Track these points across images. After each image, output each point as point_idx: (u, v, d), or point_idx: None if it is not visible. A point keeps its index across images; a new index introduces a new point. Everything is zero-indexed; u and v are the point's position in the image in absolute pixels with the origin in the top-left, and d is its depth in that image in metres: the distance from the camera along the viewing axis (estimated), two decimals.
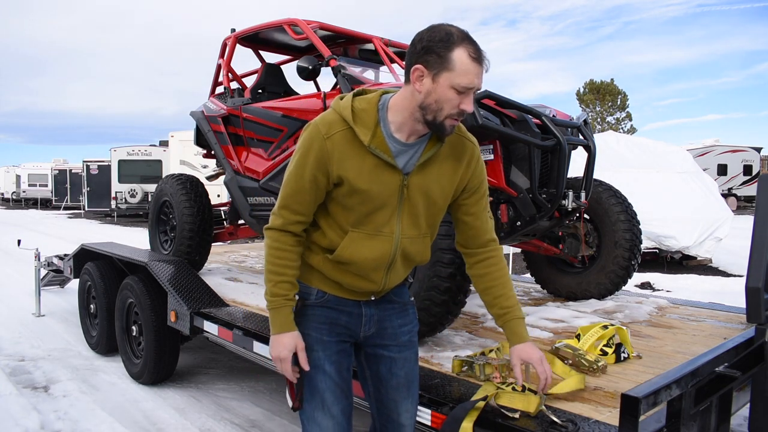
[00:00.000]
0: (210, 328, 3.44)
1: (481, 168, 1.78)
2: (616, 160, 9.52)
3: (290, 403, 1.77)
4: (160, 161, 19.93)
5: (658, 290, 7.44)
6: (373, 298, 1.79)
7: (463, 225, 1.82)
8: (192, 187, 4.61)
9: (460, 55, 1.50)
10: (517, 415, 1.87)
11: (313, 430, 1.73)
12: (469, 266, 1.88)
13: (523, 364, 1.79)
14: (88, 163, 22.75)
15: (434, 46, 1.52)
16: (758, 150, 24.28)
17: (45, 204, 31.53)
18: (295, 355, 1.69)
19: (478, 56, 1.52)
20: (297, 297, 1.74)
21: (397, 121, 1.61)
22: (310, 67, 3.46)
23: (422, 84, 1.55)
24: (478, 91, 2.99)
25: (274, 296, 1.68)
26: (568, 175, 3.33)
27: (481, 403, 1.89)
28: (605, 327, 2.62)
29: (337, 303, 1.77)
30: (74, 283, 5.98)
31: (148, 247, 5.11)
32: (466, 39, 1.52)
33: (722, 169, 22.91)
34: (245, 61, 5.05)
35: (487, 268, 1.83)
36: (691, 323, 3.27)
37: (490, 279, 1.83)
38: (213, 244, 4.78)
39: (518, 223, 3.20)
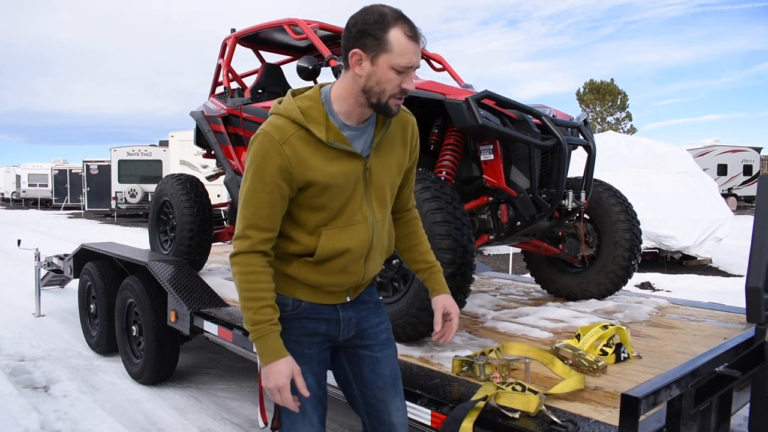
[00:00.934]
0: (210, 328, 3.44)
1: (418, 139, 1.82)
2: (616, 160, 9.52)
3: (261, 423, 1.73)
4: (160, 161, 19.93)
5: (658, 290, 7.44)
6: (348, 299, 1.77)
7: (399, 193, 1.86)
8: (192, 187, 4.61)
9: (396, 35, 1.49)
10: (517, 415, 1.87)
11: None
12: (395, 228, 1.90)
13: (443, 314, 1.84)
14: (88, 163, 22.76)
15: (369, 29, 1.51)
16: (758, 150, 24.28)
17: (45, 204, 31.54)
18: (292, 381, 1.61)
19: (413, 34, 1.52)
20: (280, 324, 1.63)
21: (343, 110, 1.60)
22: (310, 67, 3.46)
23: (362, 68, 1.54)
24: (478, 91, 3.01)
25: (258, 324, 1.58)
26: (568, 175, 3.33)
27: (481, 403, 1.89)
28: (605, 327, 2.62)
29: (314, 311, 1.72)
30: (74, 283, 5.98)
31: (148, 247, 5.11)
32: (400, 18, 1.51)
33: (722, 169, 22.91)
34: (245, 61, 5.05)
35: (413, 228, 1.91)
36: (691, 323, 3.27)
37: (414, 237, 1.91)
38: (213, 244, 4.78)
39: (518, 223, 3.20)
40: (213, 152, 4.65)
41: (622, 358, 2.52)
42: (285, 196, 1.59)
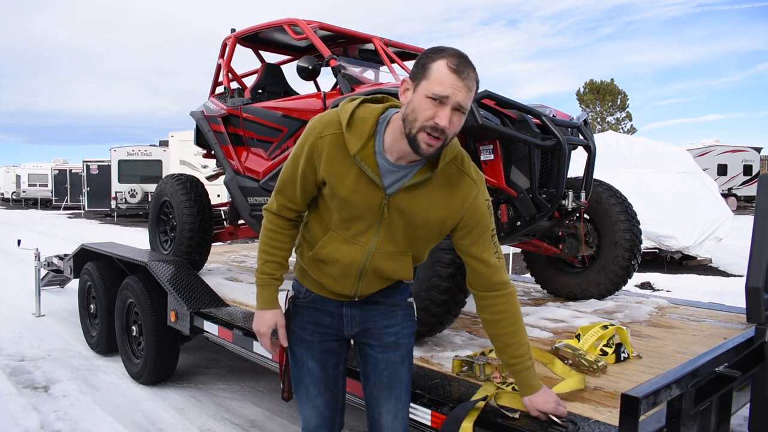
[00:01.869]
0: (210, 328, 3.44)
1: (478, 207, 1.67)
2: (616, 160, 9.52)
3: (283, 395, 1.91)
4: (160, 161, 19.92)
5: (658, 290, 7.44)
6: (356, 299, 1.79)
7: (467, 265, 1.75)
8: (192, 187, 4.61)
9: (439, 65, 1.46)
10: (517, 415, 1.87)
11: (302, 413, 1.88)
12: (479, 309, 1.79)
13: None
14: (88, 163, 22.75)
15: (422, 59, 1.51)
16: (758, 150, 24.27)
17: (45, 204, 31.52)
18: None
19: (457, 68, 1.45)
20: (283, 279, 1.82)
21: (389, 139, 1.56)
22: (310, 67, 3.46)
23: (406, 96, 1.53)
24: (479, 91, 3.01)
25: (262, 274, 1.77)
26: (568, 175, 3.33)
27: (481, 403, 1.89)
28: (605, 327, 2.62)
29: (321, 303, 1.81)
30: (74, 283, 5.98)
31: (148, 247, 5.11)
32: (454, 54, 1.47)
33: (722, 169, 22.90)
34: (245, 61, 5.05)
35: (497, 315, 1.74)
36: (691, 323, 3.26)
37: (500, 326, 1.75)
38: (213, 244, 4.78)
39: (518, 223, 3.20)
40: (213, 152, 4.65)
41: (622, 358, 2.52)
42: (310, 182, 1.66)
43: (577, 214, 3.58)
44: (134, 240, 9.26)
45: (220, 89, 4.77)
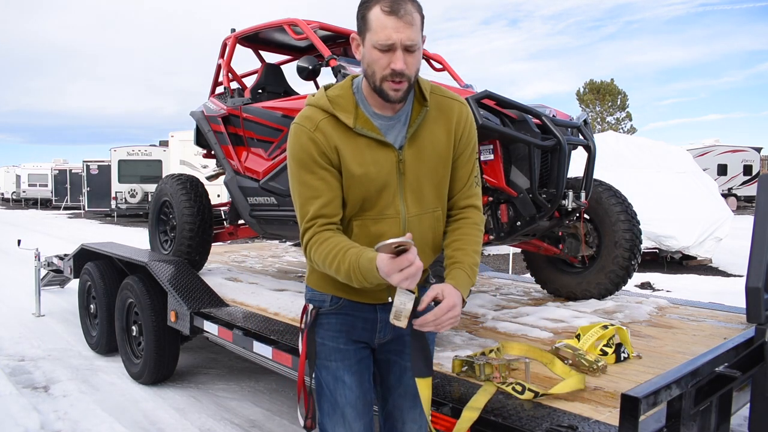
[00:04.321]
0: (210, 328, 3.44)
1: (470, 129, 1.67)
2: (616, 160, 9.52)
3: (301, 421, 1.68)
4: (160, 161, 19.93)
5: (658, 290, 7.44)
6: (390, 299, 1.54)
7: (450, 187, 1.70)
8: (192, 187, 4.61)
9: (375, 12, 1.44)
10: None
11: None
12: (446, 228, 1.72)
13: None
14: (88, 163, 22.77)
15: (360, 10, 1.49)
16: (758, 150, 24.28)
17: (45, 204, 31.54)
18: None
19: (392, 8, 1.43)
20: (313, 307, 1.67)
21: (370, 100, 1.57)
22: (310, 67, 3.46)
23: (359, 52, 1.53)
24: (478, 91, 3.01)
25: (352, 270, 1.44)
26: (568, 175, 3.33)
27: (482, 403, 1.88)
28: (605, 327, 2.62)
29: (353, 308, 1.67)
30: (74, 283, 5.98)
31: (148, 247, 5.11)
32: None
33: (722, 169, 22.90)
34: (245, 61, 5.05)
35: (459, 223, 1.69)
36: (691, 323, 3.26)
37: (458, 234, 1.68)
38: (213, 244, 4.78)
39: (518, 223, 3.20)
40: (213, 152, 4.65)
41: (622, 358, 2.52)
42: (335, 174, 1.55)
43: (577, 214, 3.58)
44: (134, 240, 9.26)
45: (220, 89, 4.77)
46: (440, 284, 1.58)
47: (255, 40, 4.69)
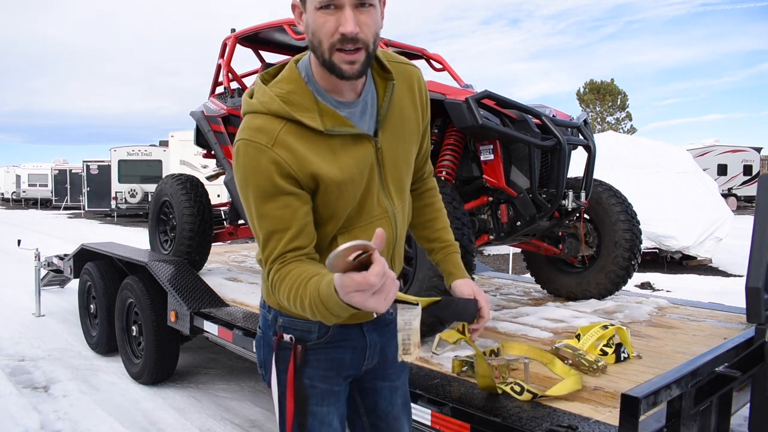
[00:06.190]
0: (210, 328, 3.44)
1: (428, 93, 1.47)
2: (616, 160, 9.52)
3: None
4: (160, 161, 19.93)
5: (658, 290, 7.44)
6: (374, 315, 1.43)
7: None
8: (192, 187, 4.61)
9: None
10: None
11: None
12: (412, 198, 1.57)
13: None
14: (88, 163, 22.77)
15: None
16: (758, 150, 24.28)
17: (45, 204, 31.53)
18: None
19: None
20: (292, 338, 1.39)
21: (326, 86, 1.27)
22: None
23: (302, 21, 1.24)
24: (478, 91, 3.01)
25: (315, 303, 1.13)
26: (568, 175, 3.33)
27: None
28: (605, 327, 2.62)
29: (341, 337, 1.42)
30: (74, 283, 5.97)
31: (148, 247, 5.11)
32: None
33: (722, 169, 22.91)
34: (245, 61, 5.05)
35: (429, 199, 1.59)
36: (691, 323, 3.26)
37: (430, 211, 1.58)
38: (213, 244, 4.78)
39: (518, 223, 3.20)
40: (213, 152, 4.65)
41: (622, 358, 2.52)
42: (303, 196, 1.26)
43: (577, 214, 3.58)
44: (134, 240, 9.26)
45: (220, 89, 4.77)
46: (461, 283, 1.51)
47: (255, 40, 4.68)
